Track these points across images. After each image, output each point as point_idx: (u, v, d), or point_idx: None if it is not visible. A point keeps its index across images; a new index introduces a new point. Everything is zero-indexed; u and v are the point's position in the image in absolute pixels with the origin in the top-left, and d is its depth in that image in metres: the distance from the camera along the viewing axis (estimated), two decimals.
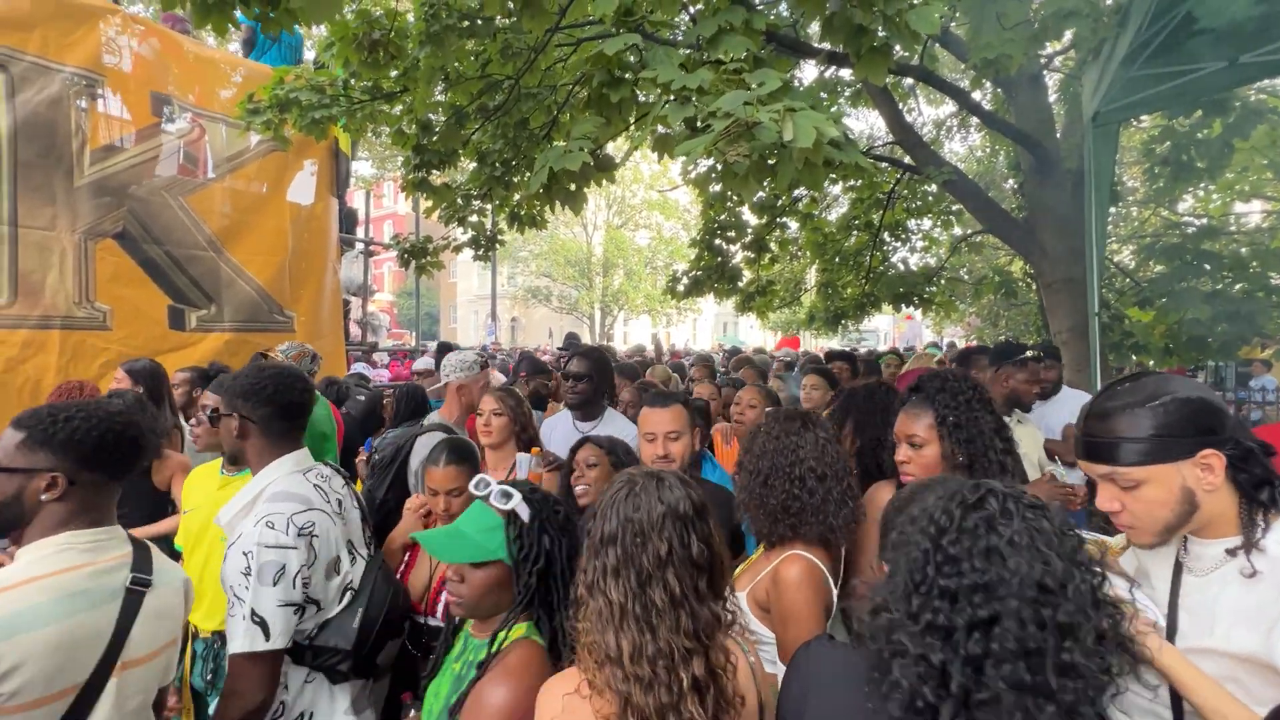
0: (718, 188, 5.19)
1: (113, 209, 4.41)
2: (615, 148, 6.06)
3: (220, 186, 5.12)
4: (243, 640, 1.52)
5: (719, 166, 1.75)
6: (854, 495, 1.74)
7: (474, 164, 4.27)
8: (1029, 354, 3.37)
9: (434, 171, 3.86)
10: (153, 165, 4.64)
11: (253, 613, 1.54)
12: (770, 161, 1.59)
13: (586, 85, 1.89)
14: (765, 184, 1.72)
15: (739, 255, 6.10)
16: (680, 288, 5.94)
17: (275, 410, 1.77)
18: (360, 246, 6.75)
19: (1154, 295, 5.20)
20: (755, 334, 36.17)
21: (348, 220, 6.55)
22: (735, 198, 5.88)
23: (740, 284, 6.12)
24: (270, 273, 5.39)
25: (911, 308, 6.53)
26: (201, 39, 5.86)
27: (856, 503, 1.74)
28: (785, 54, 3.33)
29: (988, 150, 9.98)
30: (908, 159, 6.04)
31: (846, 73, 6.11)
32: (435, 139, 3.57)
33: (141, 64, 4.67)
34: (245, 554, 1.56)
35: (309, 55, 6.91)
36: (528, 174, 4.53)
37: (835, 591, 1.66)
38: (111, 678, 1.31)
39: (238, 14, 2.36)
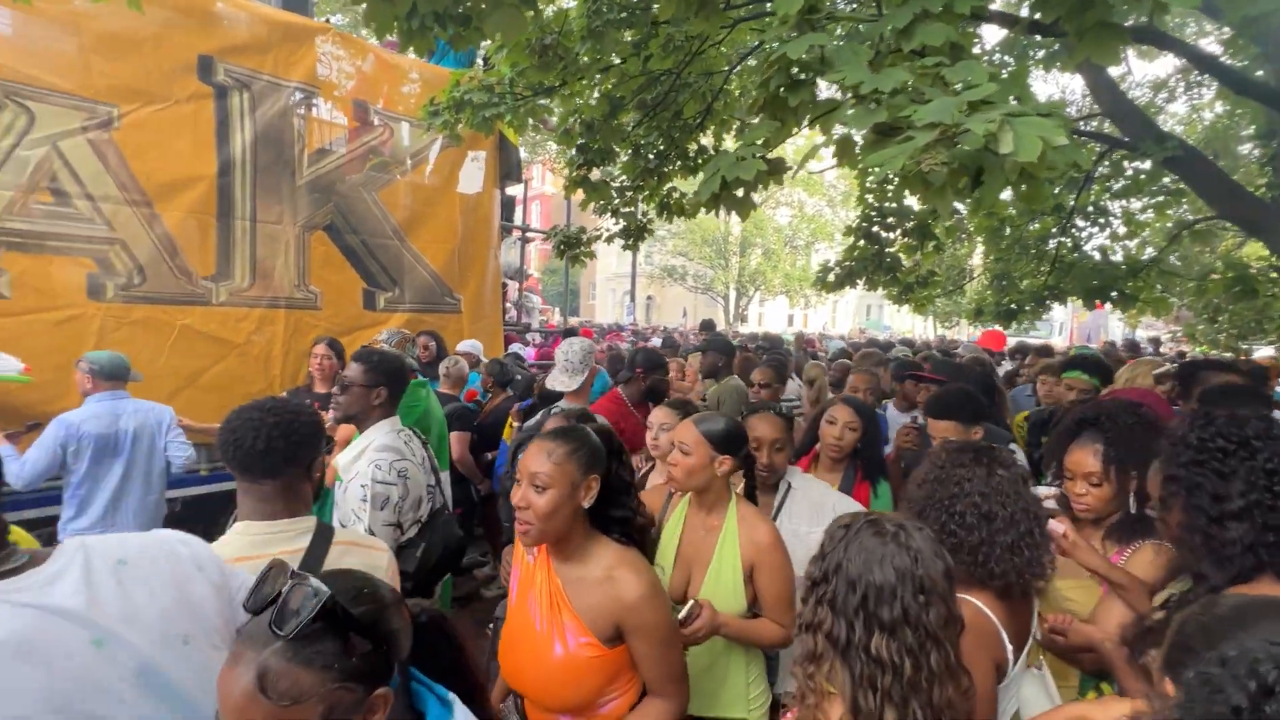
0: (884, 188, 4.76)
1: (323, 204, 5.10)
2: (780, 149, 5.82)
3: (404, 181, 5.70)
4: None
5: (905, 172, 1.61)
6: (1036, 544, 1.54)
7: (628, 155, 4.34)
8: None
9: (594, 169, 3.99)
10: (355, 165, 5.28)
11: (368, 529, 2.06)
12: (976, 171, 1.42)
13: (764, 89, 1.81)
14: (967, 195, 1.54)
15: (898, 242, 5.62)
16: (831, 278, 5.62)
17: (398, 388, 2.33)
18: (518, 233, 7.20)
19: None
20: (903, 319, 33.67)
21: (506, 208, 7.02)
22: (896, 179, 5.41)
23: (898, 273, 5.64)
24: (443, 259, 5.94)
25: (1108, 305, 5.62)
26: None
27: (1043, 553, 1.54)
28: (972, 23, 2.97)
29: (1221, 111, 8.23)
30: (1109, 125, 5.16)
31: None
32: (598, 138, 3.68)
33: (346, 74, 5.31)
34: (363, 486, 2.11)
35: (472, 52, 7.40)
36: (679, 163, 4.54)
37: (1011, 650, 1.49)
38: None
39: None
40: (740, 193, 1.95)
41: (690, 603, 1.67)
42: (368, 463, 2.17)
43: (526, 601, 1.53)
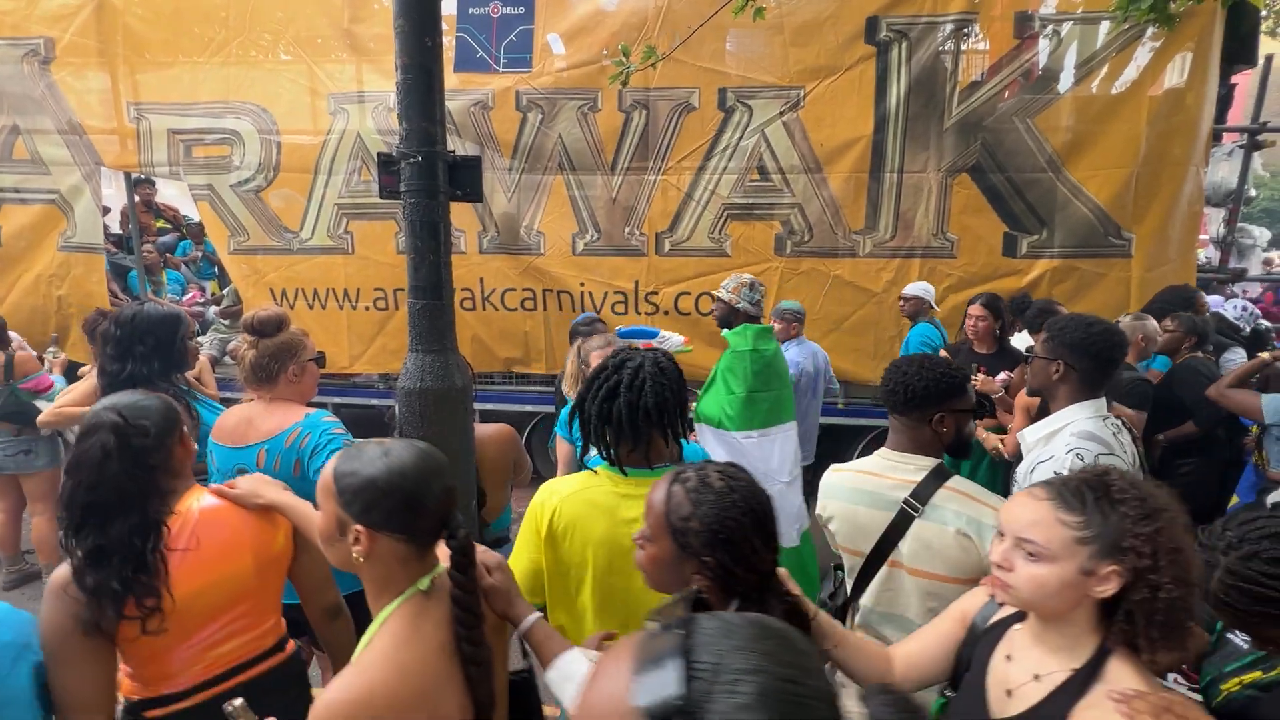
0: None
1: (970, 143, 4.72)
2: None
3: (1068, 98, 4.69)
4: None
5: None
6: None
7: None
8: None
9: None
10: (1008, 91, 4.66)
11: None
12: None
13: None
14: None
15: None
16: None
17: (1096, 365, 1.97)
18: (1241, 139, 5.01)
19: None
20: None
21: (1220, 104, 4.94)
22: None
23: None
24: (1112, 189, 4.68)
25: None
26: None
27: None
28: None
29: None
30: None
31: None
32: None
33: None
34: (1055, 472, 1.74)
35: None
36: None
37: None
38: (883, 566, 1.70)
39: None
40: None
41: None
42: (1066, 448, 1.89)
43: None
